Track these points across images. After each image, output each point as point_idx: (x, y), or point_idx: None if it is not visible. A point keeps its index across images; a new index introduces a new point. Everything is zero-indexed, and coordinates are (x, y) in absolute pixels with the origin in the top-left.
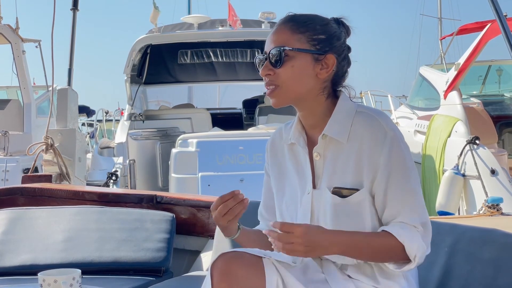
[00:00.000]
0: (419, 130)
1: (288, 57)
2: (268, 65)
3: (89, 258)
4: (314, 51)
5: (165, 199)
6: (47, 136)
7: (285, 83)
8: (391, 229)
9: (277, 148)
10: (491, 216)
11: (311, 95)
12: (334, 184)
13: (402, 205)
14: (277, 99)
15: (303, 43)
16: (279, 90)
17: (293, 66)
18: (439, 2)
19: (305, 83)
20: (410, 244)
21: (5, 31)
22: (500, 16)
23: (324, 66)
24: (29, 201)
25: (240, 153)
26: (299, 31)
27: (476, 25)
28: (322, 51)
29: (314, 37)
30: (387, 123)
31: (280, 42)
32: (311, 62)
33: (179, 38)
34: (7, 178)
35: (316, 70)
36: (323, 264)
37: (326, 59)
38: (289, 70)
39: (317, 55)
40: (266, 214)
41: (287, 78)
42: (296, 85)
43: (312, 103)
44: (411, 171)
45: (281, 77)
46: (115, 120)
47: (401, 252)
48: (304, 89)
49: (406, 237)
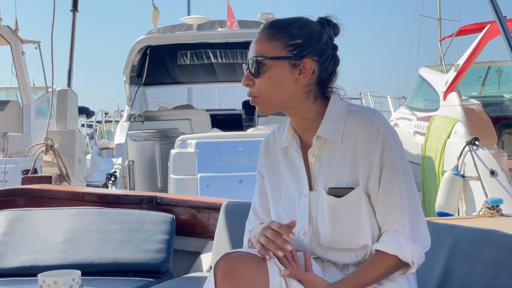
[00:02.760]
0: (418, 131)
1: (265, 66)
2: (248, 75)
3: (89, 259)
4: (290, 57)
5: (165, 200)
6: (47, 137)
7: (263, 93)
8: (380, 247)
9: (271, 150)
10: (490, 217)
11: (295, 101)
12: (329, 184)
13: (387, 208)
14: (260, 107)
15: (279, 50)
16: (259, 100)
17: (270, 76)
18: (438, 3)
19: (284, 90)
20: (402, 253)
21: (4, 32)
22: (500, 17)
23: (302, 71)
24: (29, 202)
25: (239, 154)
26: (275, 38)
27: (476, 26)
28: (299, 56)
29: (290, 42)
30: (379, 120)
31: (257, 51)
32: (289, 69)
33: (179, 39)
34: (6, 179)
35: (295, 76)
36: (325, 266)
37: (304, 64)
38: (266, 80)
39: (294, 61)
40: (262, 214)
41: (265, 88)
42: (275, 94)
43: (298, 109)
44: (401, 170)
45: (259, 87)
46: (114, 121)
47: (399, 262)
48: (284, 96)
49: (396, 247)
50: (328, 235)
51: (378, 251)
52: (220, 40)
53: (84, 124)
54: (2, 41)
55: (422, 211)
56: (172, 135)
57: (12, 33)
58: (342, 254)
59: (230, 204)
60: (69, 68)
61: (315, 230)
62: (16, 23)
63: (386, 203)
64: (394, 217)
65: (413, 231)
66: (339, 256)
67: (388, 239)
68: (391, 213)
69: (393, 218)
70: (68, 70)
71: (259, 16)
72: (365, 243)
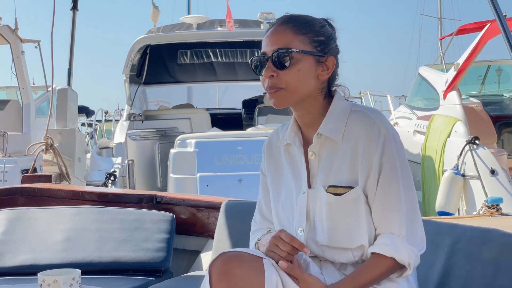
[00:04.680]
0: (418, 130)
1: (294, 59)
2: (271, 66)
3: (89, 258)
4: (316, 53)
5: (165, 199)
6: (46, 136)
7: (290, 85)
8: (377, 249)
9: (274, 149)
10: (491, 216)
11: (311, 96)
12: (329, 182)
13: (384, 210)
14: (280, 100)
15: (306, 44)
16: (283, 92)
17: (299, 69)
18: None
19: (308, 85)
20: (399, 256)
21: (4, 32)
22: (500, 16)
23: (325, 68)
24: (29, 201)
25: (239, 154)
26: (301, 32)
27: (476, 25)
28: (323, 53)
29: (315, 38)
30: (381, 121)
31: (283, 43)
32: (314, 64)
33: (178, 38)
34: (6, 179)
35: (318, 72)
36: (322, 265)
37: (328, 61)
38: (296, 73)
39: (319, 57)
40: (267, 213)
41: (293, 81)
42: (301, 87)
43: (310, 103)
44: (400, 172)
45: (286, 79)
46: (114, 120)
47: (395, 264)
48: (307, 90)
49: (393, 250)
50: (325, 233)
51: (375, 253)
52: (220, 40)
53: (84, 123)
54: (1, 41)
55: (420, 213)
56: (172, 135)
57: (12, 33)
58: (339, 253)
59: (230, 203)
60: (69, 67)
61: (312, 228)
62: (15, 22)
63: (383, 204)
64: (391, 219)
65: (410, 233)
66: (336, 255)
67: (385, 241)
68: (388, 214)
69: (389, 220)
70: (68, 69)
71: (259, 16)
72: (361, 243)
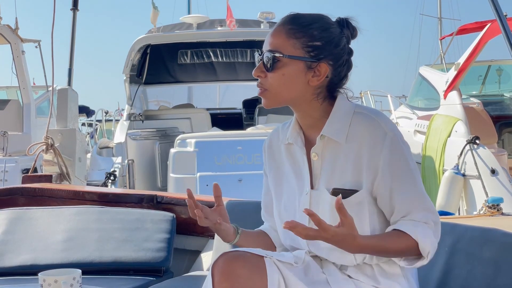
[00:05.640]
0: (419, 130)
1: (280, 62)
2: (261, 66)
3: (89, 258)
4: (307, 58)
5: (165, 199)
6: (47, 136)
7: (273, 88)
8: (405, 228)
9: (274, 148)
10: (491, 216)
11: (303, 100)
12: (333, 185)
13: (411, 207)
14: (266, 100)
15: (297, 49)
16: (267, 93)
17: (283, 74)
18: (439, 2)
19: (294, 89)
20: (424, 241)
21: (4, 32)
22: (500, 15)
23: (316, 73)
24: (29, 201)
25: (239, 153)
26: (295, 36)
27: (476, 25)
28: (316, 59)
29: (310, 43)
30: (386, 123)
31: (274, 46)
32: (303, 69)
33: (178, 38)
34: (6, 178)
35: (308, 77)
36: (323, 265)
37: (319, 67)
38: (279, 76)
39: (310, 63)
40: (266, 215)
41: (276, 84)
42: (285, 91)
43: (306, 107)
44: (414, 172)
45: (271, 82)
46: (114, 120)
47: (414, 249)
48: (293, 95)
49: (420, 234)
50: None
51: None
52: (220, 39)
53: (85, 123)
54: (2, 40)
55: None
56: (172, 134)
57: (12, 32)
58: (340, 255)
59: (230, 203)
60: (69, 67)
61: None
62: (16, 22)
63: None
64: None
65: (436, 228)
66: (337, 257)
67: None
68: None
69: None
70: (68, 69)
71: (259, 15)
72: None
